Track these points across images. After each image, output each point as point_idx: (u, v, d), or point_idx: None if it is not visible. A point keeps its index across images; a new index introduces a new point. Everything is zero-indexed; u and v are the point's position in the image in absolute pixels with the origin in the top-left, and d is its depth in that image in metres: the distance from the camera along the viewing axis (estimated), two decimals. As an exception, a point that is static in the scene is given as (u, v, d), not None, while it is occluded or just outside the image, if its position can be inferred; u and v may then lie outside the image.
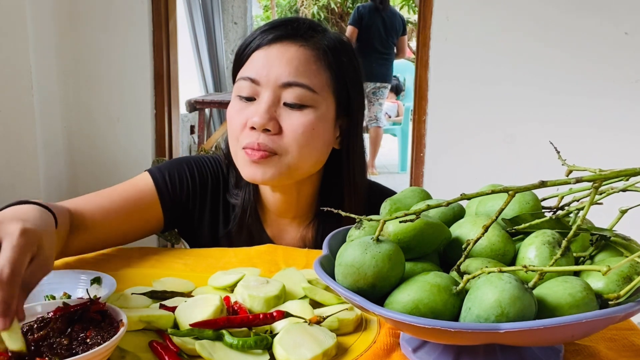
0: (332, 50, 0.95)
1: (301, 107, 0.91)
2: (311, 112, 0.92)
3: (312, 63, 0.92)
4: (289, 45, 0.92)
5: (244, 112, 0.93)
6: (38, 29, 1.89)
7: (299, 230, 1.05)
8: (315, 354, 0.61)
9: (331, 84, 0.94)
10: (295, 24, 0.95)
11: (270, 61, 0.91)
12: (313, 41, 0.93)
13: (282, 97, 0.91)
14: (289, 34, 0.93)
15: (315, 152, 0.94)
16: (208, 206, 1.05)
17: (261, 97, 0.92)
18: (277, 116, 0.91)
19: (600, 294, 0.56)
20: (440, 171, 2.27)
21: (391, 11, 4.77)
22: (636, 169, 0.58)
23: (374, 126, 5.08)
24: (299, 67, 0.91)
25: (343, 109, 0.98)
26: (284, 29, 0.93)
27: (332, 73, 0.94)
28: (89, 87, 2.21)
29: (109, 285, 0.74)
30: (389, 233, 0.62)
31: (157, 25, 2.21)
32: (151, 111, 2.27)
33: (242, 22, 5.47)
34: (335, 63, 0.94)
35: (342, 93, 0.96)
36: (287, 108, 0.91)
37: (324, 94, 0.93)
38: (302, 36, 0.93)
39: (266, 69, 0.91)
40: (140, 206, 0.97)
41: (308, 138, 0.92)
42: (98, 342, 0.57)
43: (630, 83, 2.09)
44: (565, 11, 2.09)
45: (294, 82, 0.90)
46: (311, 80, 0.91)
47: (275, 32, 0.93)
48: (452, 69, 2.20)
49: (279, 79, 0.90)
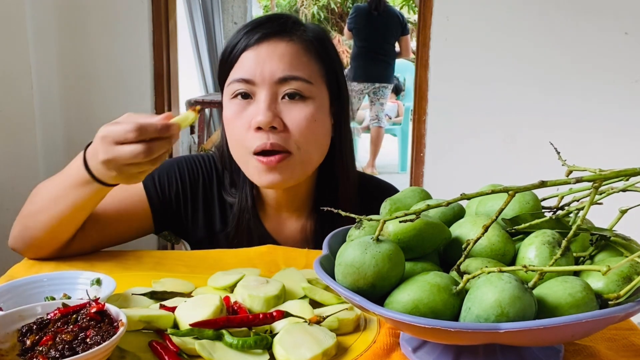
0: (318, 41, 0.96)
1: (300, 99, 0.92)
2: (310, 103, 0.93)
3: (302, 55, 0.93)
4: (278, 41, 0.93)
5: (244, 114, 0.92)
6: (38, 29, 1.89)
7: (298, 223, 1.05)
8: (315, 353, 0.61)
9: (322, 74, 0.96)
10: (280, 20, 0.96)
11: (262, 59, 0.91)
12: (298, 34, 0.95)
13: (280, 93, 0.92)
14: (275, 31, 0.94)
15: (319, 142, 0.96)
16: (201, 205, 1.05)
17: (258, 96, 0.91)
18: (279, 113, 0.91)
19: (600, 294, 0.56)
20: (440, 171, 2.27)
21: (388, 12, 4.76)
22: (636, 169, 0.58)
23: (375, 126, 5.08)
24: (291, 61, 0.92)
25: (335, 97, 0.99)
26: (270, 27, 0.94)
27: (322, 63, 0.96)
28: (89, 87, 2.20)
29: (109, 286, 0.74)
30: (389, 233, 0.62)
31: (157, 25, 2.21)
32: (151, 111, 2.27)
33: (242, 22, 5.47)
34: (323, 53, 0.96)
35: (333, 81, 0.98)
36: (286, 103, 0.92)
37: (318, 84, 0.95)
38: (288, 31, 0.94)
39: (259, 67, 0.91)
40: (130, 209, 0.97)
41: (312, 130, 0.93)
42: (98, 342, 0.57)
43: (630, 83, 2.09)
44: (566, 11, 2.09)
45: (289, 76, 0.91)
46: (305, 72, 0.92)
47: (261, 31, 0.93)
48: (452, 69, 2.20)
49: (274, 75, 0.91)
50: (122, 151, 0.73)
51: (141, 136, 0.72)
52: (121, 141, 0.73)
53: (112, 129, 0.73)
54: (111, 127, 0.74)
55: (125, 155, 0.73)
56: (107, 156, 0.74)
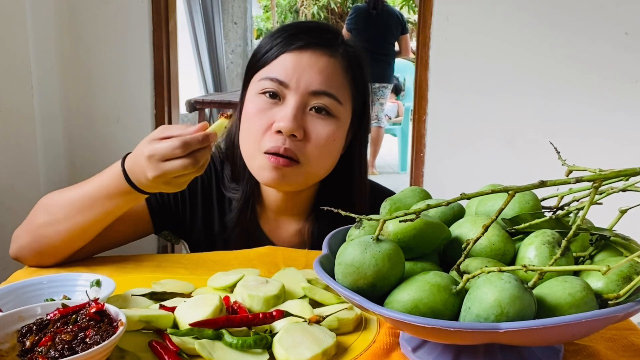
0: (356, 62, 0.97)
1: (327, 115, 0.93)
2: (334, 122, 0.94)
3: (340, 75, 0.94)
4: (321, 54, 0.93)
5: (268, 114, 0.92)
6: (38, 29, 1.89)
7: (295, 226, 1.05)
8: (314, 353, 0.61)
9: (352, 96, 0.97)
10: (325, 32, 0.97)
11: (302, 67, 0.92)
12: (341, 52, 0.95)
13: (309, 104, 0.92)
14: (321, 42, 0.94)
15: (331, 160, 0.97)
16: (200, 204, 1.05)
17: (288, 101, 0.92)
18: (303, 123, 0.92)
19: (600, 294, 0.56)
20: (440, 171, 2.27)
21: (387, 12, 4.76)
22: (636, 169, 0.58)
23: (375, 126, 5.08)
24: (330, 77, 0.93)
25: (357, 119, 1.00)
26: (317, 37, 0.94)
27: (355, 86, 0.97)
28: (89, 87, 2.20)
29: (108, 287, 0.74)
30: (388, 232, 0.62)
31: (157, 25, 2.21)
32: (151, 111, 2.26)
33: (242, 22, 5.47)
34: (358, 76, 0.97)
35: (359, 104, 0.99)
36: (312, 116, 0.92)
37: (346, 105, 0.96)
38: (332, 46, 0.95)
39: (297, 73, 0.91)
40: (129, 211, 0.97)
41: (329, 147, 0.94)
42: (97, 342, 0.57)
43: (630, 83, 2.08)
44: (566, 11, 2.09)
45: (323, 92, 0.92)
46: (338, 91, 0.94)
47: (307, 38, 0.93)
48: (452, 69, 2.20)
49: (310, 87, 0.91)
50: (171, 166, 0.76)
51: (186, 150, 0.76)
52: (169, 158, 0.76)
53: (157, 148, 0.76)
54: (156, 146, 0.77)
55: (175, 169, 0.76)
56: (156, 173, 0.77)
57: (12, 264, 0.94)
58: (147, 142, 0.78)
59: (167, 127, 0.79)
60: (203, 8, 4.68)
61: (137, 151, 0.81)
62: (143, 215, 1.01)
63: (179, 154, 0.76)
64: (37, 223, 0.90)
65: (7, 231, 0.93)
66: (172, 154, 0.76)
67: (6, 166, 1.83)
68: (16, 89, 1.82)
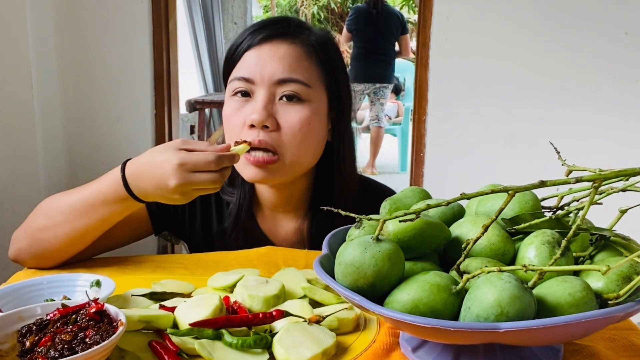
0: (321, 46, 0.97)
1: (298, 101, 0.93)
2: (306, 106, 0.93)
3: (303, 59, 0.94)
4: (280, 43, 0.94)
5: (241, 112, 0.93)
6: (38, 29, 1.89)
7: (293, 223, 1.05)
8: (314, 353, 0.61)
9: (322, 78, 0.97)
10: (284, 22, 0.97)
11: (263, 60, 0.93)
12: (302, 38, 0.96)
13: (277, 94, 0.93)
14: (278, 33, 0.95)
15: (312, 147, 0.96)
16: (198, 206, 1.06)
17: (257, 95, 0.93)
18: (274, 113, 0.92)
19: (600, 294, 0.56)
20: (440, 171, 2.27)
21: (387, 12, 4.76)
22: (636, 169, 0.58)
23: (375, 126, 5.08)
24: (291, 64, 0.93)
25: (334, 102, 1.00)
26: (274, 28, 0.95)
27: (323, 67, 0.97)
28: (89, 87, 2.20)
29: (108, 287, 0.74)
30: (388, 232, 0.62)
31: (157, 25, 2.21)
32: (151, 111, 2.26)
33: (242, 22, 5.47)
34: (324, 58, 0.97)
35: (333, 86, 0.99)
36: (283, 104, 0.93)
37: (317, 89, 0.95)
38: (291, 34, 0.95)
39: (259, 67, 0.92)
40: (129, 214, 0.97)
41: (305, 133, 0.93)
42: (97, 342, 0.57)
43: (630, 83, 2.08)
44: (566, 11, 2.09)
45: (288, 79, 0.92)
46: (304, 75, 0.93)
47: (265, 32, 0.95)
48: (452, 69, 2.20)
49: (274, 76, 0.92)
50: (199, 178, 0.77)
51: (219, 166, 0.78)
52: (201, 169, 0.77)
53: (191, 158, 0.77)
54: (190, 156, 0.77)
55: (202, 181, 0.78)
56: (182, 181, 0.77)
57: (12, 264, 0.94)
58: (174, 151, 0.78)
59: (188, 140, 0.80)
60: (203, 8, 4.68)
61: (153, 158, 0.80)
62: (142, 217, 1.01)
63: (212, 168, 0.77)
64: (35, 226, 0.90)
65: (7, 231, 0.93)
66: (205, 167, 0.77)
67: (6, 166, 1.83)
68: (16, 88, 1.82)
